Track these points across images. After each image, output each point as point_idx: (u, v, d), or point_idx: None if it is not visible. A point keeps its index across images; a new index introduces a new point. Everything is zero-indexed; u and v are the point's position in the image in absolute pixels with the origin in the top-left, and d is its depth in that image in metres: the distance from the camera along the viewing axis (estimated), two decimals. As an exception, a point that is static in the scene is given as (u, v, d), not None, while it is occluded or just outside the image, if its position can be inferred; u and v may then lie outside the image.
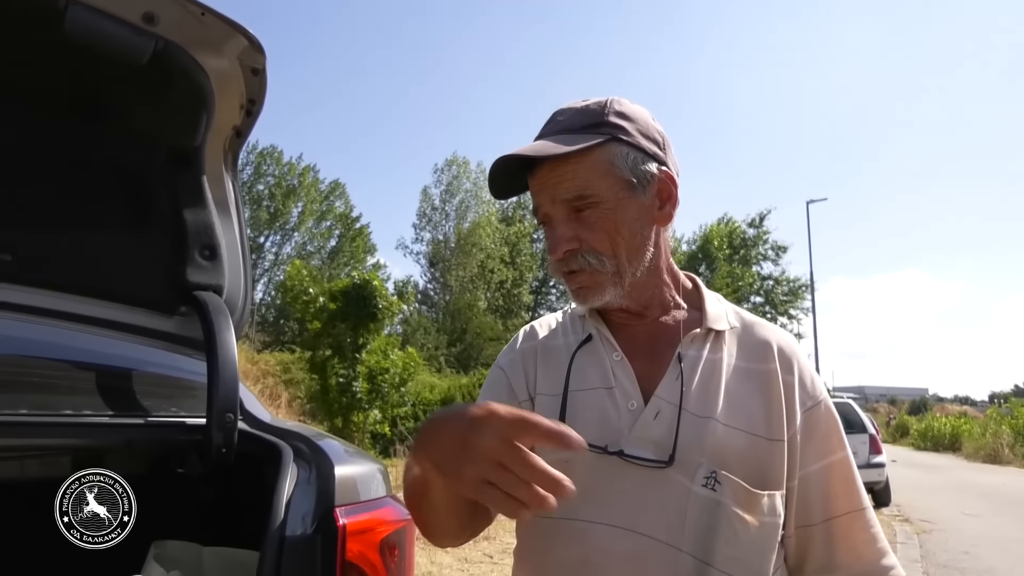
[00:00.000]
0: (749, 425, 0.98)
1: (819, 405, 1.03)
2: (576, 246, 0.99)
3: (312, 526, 1.16)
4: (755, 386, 1.01)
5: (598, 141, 0.98)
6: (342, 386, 13.27)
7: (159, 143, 1.56)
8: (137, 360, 1.55)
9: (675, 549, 0.91)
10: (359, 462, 1.32)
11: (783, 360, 1.04)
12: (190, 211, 1.60)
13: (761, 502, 0.94)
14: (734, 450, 0.95)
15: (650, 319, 1.08)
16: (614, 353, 1.05)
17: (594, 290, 1.01)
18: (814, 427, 1.01)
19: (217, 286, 1.62)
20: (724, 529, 0.91)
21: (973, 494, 11.57)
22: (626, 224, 1.00)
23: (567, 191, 0.99)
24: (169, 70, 1.40)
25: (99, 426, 1.33)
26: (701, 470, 0.94)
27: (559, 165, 0.99)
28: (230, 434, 1.35)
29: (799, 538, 1.00)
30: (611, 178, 0.99)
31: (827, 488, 1.00)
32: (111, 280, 1.55)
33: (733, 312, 1.11)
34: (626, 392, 1.01)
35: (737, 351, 1.05)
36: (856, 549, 1.00)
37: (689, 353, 1.03)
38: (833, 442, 1.02)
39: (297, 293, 13.76)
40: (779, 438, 0.98)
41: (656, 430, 0.97)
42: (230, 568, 1.50)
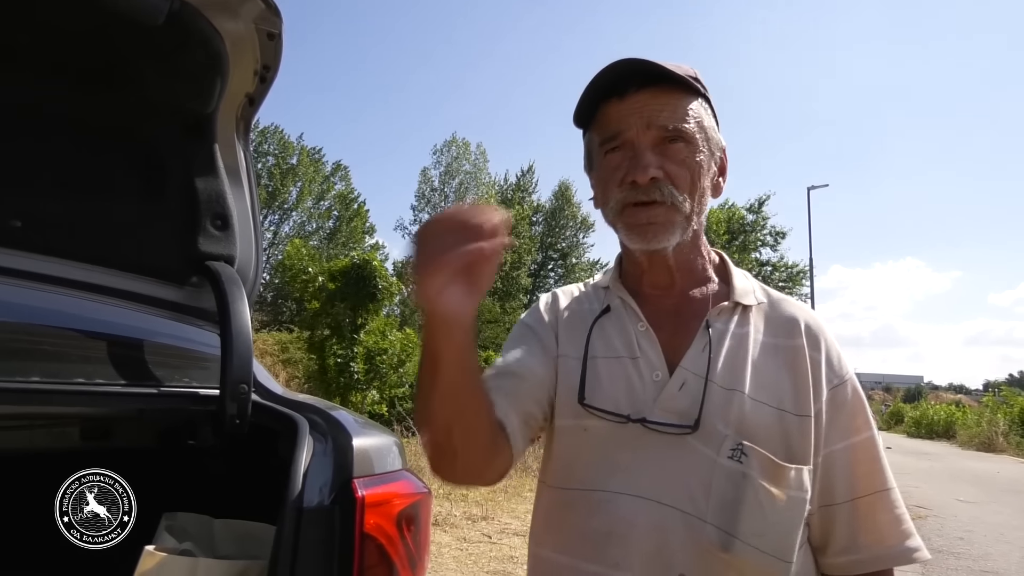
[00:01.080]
0: (776, 400, 0.96)
1: (845, 384, 1.02)
2: (660, 175, 0.97)
3: (330, 497, 1.15)
4: (782, 361, 1.00)
5: (696, 86, 1.01)
6: (340, 366, 13.27)
7: (172, 110, 1.52)
8: (148, 330, 1.52)
9: (699, 520, 0.90)
10: (375, 434, 1.30)
11: (810, 337, 1.02)
12: (202, 180, 1.57)
13: (788, 475, 0.92)
14: (761, 424, 0.94)
15: (678, 290, 1.07)
16: (639, 323, 1.04)
17: (665, 227, 0.98)
18: (840, 405, 1.00)
19: (229, 256, 1.59)
20: (750, 501, 0.90)
21: (967, 481, 11.64)
22: (703, 174, 1.00)
23: (668, 118, 0.98)
24: (183, 33, 1.37)
25: (111, 395, 1.31)
26: (727, 442, 0.93)
27: (663, 93, 0.99)
28: (244, 405, 1.34)
29: (822, 517, 0.99)
30: (704, 122, 1.01)
31: (852, 467, 0.98)
32: (122, 249, 1.53)
33: (760, 288, 1.10)
34: (651, 363, 1.00)
35: (764, 326, 1.03)
36: (880, 530, 0.98)
37: (716, 326, 1.01)
38: (859, 421, 1.01)
39: (296, 272, 13.73)
40: (806, 413, 0.96)
41: (681, 401, 0.96)
42: (241, 540, 1.49)
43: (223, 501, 1.60)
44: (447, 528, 6.28)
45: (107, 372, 1.34)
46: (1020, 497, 9.83)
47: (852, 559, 0.98)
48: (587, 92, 1.03)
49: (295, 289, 14.24)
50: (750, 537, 0.89)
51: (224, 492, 1.67)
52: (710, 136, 1.02)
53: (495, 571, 5.03)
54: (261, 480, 1.50)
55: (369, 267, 13.22)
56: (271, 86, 1.59)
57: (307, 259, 13.99)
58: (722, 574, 0.90)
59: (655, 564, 0.91)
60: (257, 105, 1.63)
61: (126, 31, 1.36)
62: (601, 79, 1.01)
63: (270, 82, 1.57)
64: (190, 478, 1.72)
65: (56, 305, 1.39)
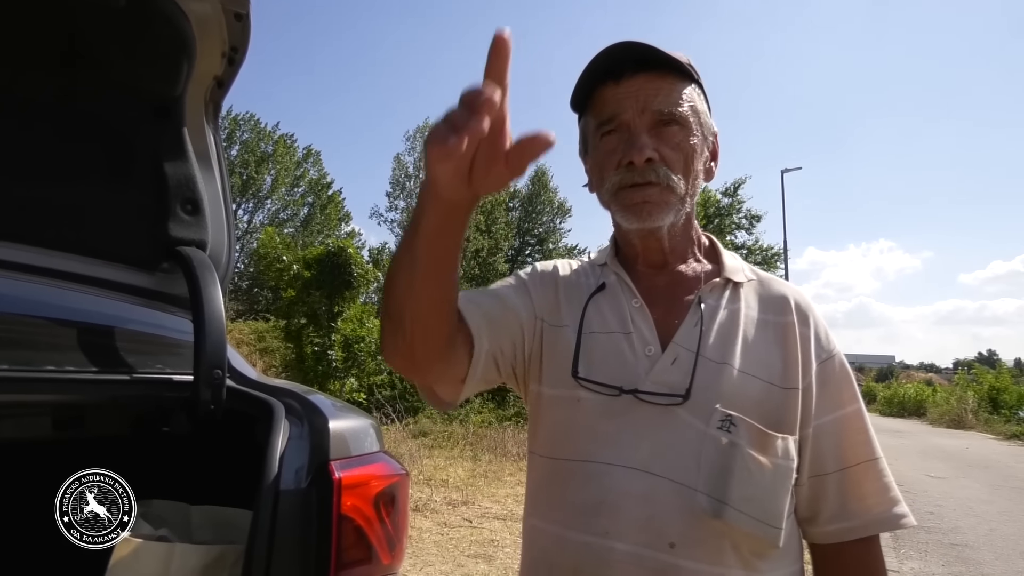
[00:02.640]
0: (766, 373, 1.00)
1: (833, 358, 1.05)
2: (655, 157, 0.99)
3: (307, 480, 1.15)
4: (772, 336, 1.03)
5: (694, 73, 1.04)
6: (318, 355, 13.20)
7: (138, 93, 1.50)
8: (118, 317, 1.50)
9: (691, 489, 0.93)
10: (351, 417, 1.30)
11: (800, 313, 1.06)
12: (171, 164, 1.55)
13: (775, 444, 0.95)
14: (749, 396, 0.97)
15: (670, 269, 1.10)
16: (633, 300, 1.07)
17: (660, 207, 1.01)
18: (828, 379, 1.03)
19: (200, 241, 1.57)
20: (739, 470, 0.93)
21: (937, 457, 11.90)
22: (697, 157, 1.03)
23: (663, 102, 1.00)
24: (148, 14, 1.35)
25: (83, 382, 1.30)
26: (716, 414, 0.95)
27: (657, 78, 1.01)
28: (218, 390, 1.33)
29: (812, 487, 1.01)
30: (697, 111, 1.04)
31: (841, 438, 1.02)
32: (91, 235, 1.50)
33: (749, 268, 1.14)
34: (644, 338, 1.03)
35: (755, 303, 1.07)
36: (869, 497, 1.01)
37: (708, 302, 1.05)
38: (847, 394, 1.04)
39: (271, 261, 13.60)
40: (794, 386, 1.00)
41: (673, 375, 0.99)
42: (218, 526, 1.49)
43: (199, 488, 1.59)
44: (427, 513, 6.30)
45: (78, 359, 1.32)
46: (988, 472, 10.08)
47: (842, 526, 1.01)
48: (584, 76, 1.04)
49: (270, 278, 14.10)
50: (740, 503, 0.91)
51: (200, 478, 1.66)
52: (703, 121, 1.05)
53: (476, 555, 5.06)
54: (237, 466, 1.49)
55: (344, 255, 13.14)
56: (240, 68, 1.57)
57: (282, 247, 13.86)
58: (713, 541, 0.92)
59: (646, 533, 0.93)
60: (226, 88, 1.61)
61: (89, 12, 1.33)
62: (597, 63, 1.03)
63: (239, 64, 1.55)
64: (165, 465, 1.70)
65: (24, 293, 1.37)
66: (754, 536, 0.92)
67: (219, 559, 1.24)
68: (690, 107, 1.02)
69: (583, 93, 1.07)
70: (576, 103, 1.10)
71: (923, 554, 5.33)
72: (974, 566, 5.05)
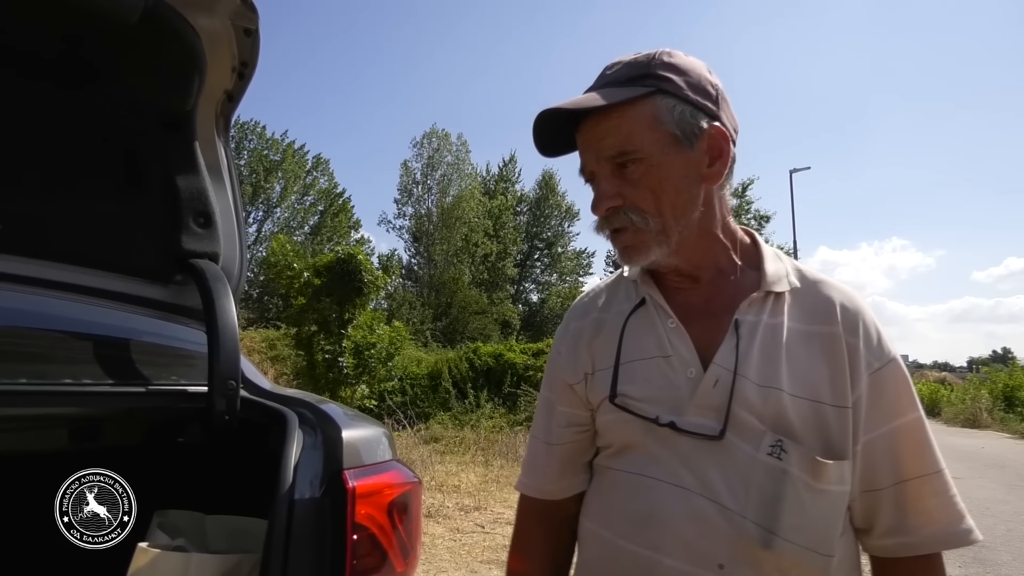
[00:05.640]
0: (814, 393, 0.95)
1: (887, 366, 0.98)
2: (619, 203, 0.97)
3: (321, 489, 1.16)
4: (818, 350, 0.97)
5: (641, 93, 0.95)
6: (329, 362, 13.22)
7: (150, 107, 1.52)
8: (133, 329, 1.52)
9: (740, 516, 0.91)
10: (364, 426, 1.31)
11: (847, 321, 0.99)
12: (183, 178, 1.57)
13: (829, 471, 0.90)
14: (800, 419, 0.93)
15: (705, 281, 1.05)
16: (668, 320, 1.03)
17: (638, 249, 0.99)
18: (882, 389, 0.97)
19: (213, 253, 1.59)
20: (790, 498, 0.89)
21: (953, 457, 11.81)
22: (671, 181, 0.97)
23: (610, 147, 0.97)
24: (159, 30, 1.36)
25: (100, 395, 1.31)
26: (766, 438, 0.92)
27: (602, 120, 0.97)
28: (233, 401, 1.34)
29: (865, 502, 0.97)
30: (656, 132, 0.96)
31: (896, 451, 0.96)
32: (104, 249, 1.52)
33: (794, 270, 1.06)
34: (684, 360, 0.99)
35: (799, 313, 1.00)
36: (929, 512, 0.95)
37: (747, 319, 0.99)
38: (903, 404, 0.98)
39: (281, 269, 13.64)
40: (844, 404, 0.94)
41: (717, 398, 0.95)
42: (233, 535, 1.50)
43: (213, 497, 1.60)
44: (440, 519, 6.30)
45: (95, 372, 1.34)
46: (1004, 472, 9.99)
47: (899, 541, 0.96)
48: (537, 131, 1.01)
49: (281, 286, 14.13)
50: (790, 533, 0.89)
51: (214, 488, 1.67)
52: (674, 133, 0.96)
53: (489, 560, 5.06)
54: (251, 475, 1.51)
55: (354, 261, 13.17)
56: (250, 82, 1.59)
57: (292, 255, 13.90)
58: (761, 568, 0.90)
59: (695, 552, 0.92)
60: (236, 101, 1.63)
61: (102, 28, 1.35)
62: (536, 128, 1.00)
63: (248, 78, 1.57)
64: (180, 475, 1.72)
65: (41, 307, 1.39)
66: (804, 565, 0.90)
67: (235, 568, 1.25)
68: (646, 134, 0.95)
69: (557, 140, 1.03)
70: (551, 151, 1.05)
71: (939, 555, 5.29)
72: (992, 567, 5.01)
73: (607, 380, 1.03)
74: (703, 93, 0.98)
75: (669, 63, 0.98)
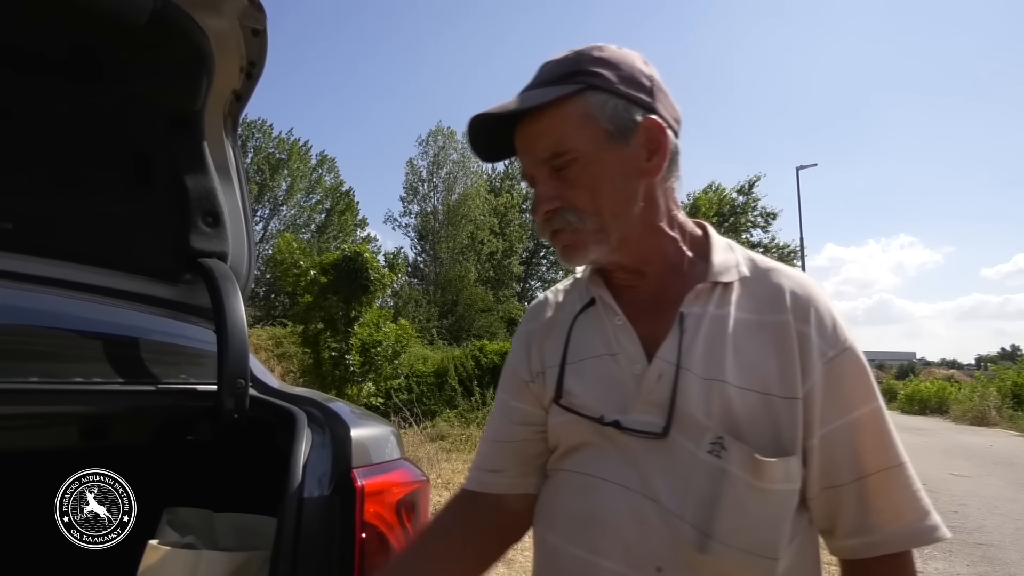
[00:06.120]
0: (763, 384, 0.90)
1: (843, 354, 0.93)
2: (557, 205, 0.95)
3: (330, 488, 1.17)
4: (767, 340, 0.93)
5: (569, 91, 0.92)
6: (335, 359, 13.25)
7: (159, 107, 1.53)
8: (142, 328, 1.53)
9: (678, 517, 0.88)
10: (373, 425, 1.32)
11: (797, 308, 0.94)
12: (191, 177, 1.58)
13: (772, 469, 0.86)
14: (747, 413, 0.89)
15: (652, 277, 1.02)
16: (615, 317, 1.01)
17: (577, 249, 0.97)
18: (838, 379, 0.92)
19: (221, 253, 1.60)
20: (729, 499, 0.86)
21: (961, 455, 11.76)
22: (607, 179, 0.94)
23: (544, 149, 0.94)
24: (168, 31, 1.37)
25: (109, 393, 1.32)
26: (707, 435, 0.88)
27: (535, 122, 0.94)
28: (241, 399, 1.35)
29: (826, 500, 0.92)
30: (588, 130, 0.93)
31: (856, 444, 0.91)
32: (114, 248, 1.53)
33: (745, 260, 1.02)
34: (630, 356, 0.97)
35: (748, 303, 0.96)
36: (894, 508, 0.91)
37: (693, 311, 0.96)
38: (861, 394, 0.93)
39: (287, 267, 13.66)
40: (794, 395, 0.90)
41: (661, 393, 0.92)
42: (242, 533, 1.51)
43: (221, 495, 1.62)
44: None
45: (104, 371, 1.35)
46: (1013, 470, 9.95)
47: (863, 541, 0.91)
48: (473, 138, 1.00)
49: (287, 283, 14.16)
50: (729, 536, 0.85)
51: (222, 486, 1.68)
52: (607, 129, 0.93)
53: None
54: (259, 473, 1.52)
55: (361, 259, 13.18)
56: (257, 82, 1.59)
57: (298, 253, 13.93)
58: (701, 572, 0.87)
59: (634, 555, 0.89)
60: (244, 101, 1.64)
61: (111, 29, 1.36)
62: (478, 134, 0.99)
63: (256, 78, 1.58)
64: (188, 473, 1.73)
65: (51, 306, 1.40)
66: (746, 569, 0.86)
67: (245, 566, 1.26)
68: (579, 133, 0.93)
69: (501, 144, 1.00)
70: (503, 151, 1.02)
71: (948, 554, 5.27)
72: (1001, 566, 4.99)
73: (554, 379, 1.02)
74: (636, 86, 0.95)
75: (599, 58, 0.95)
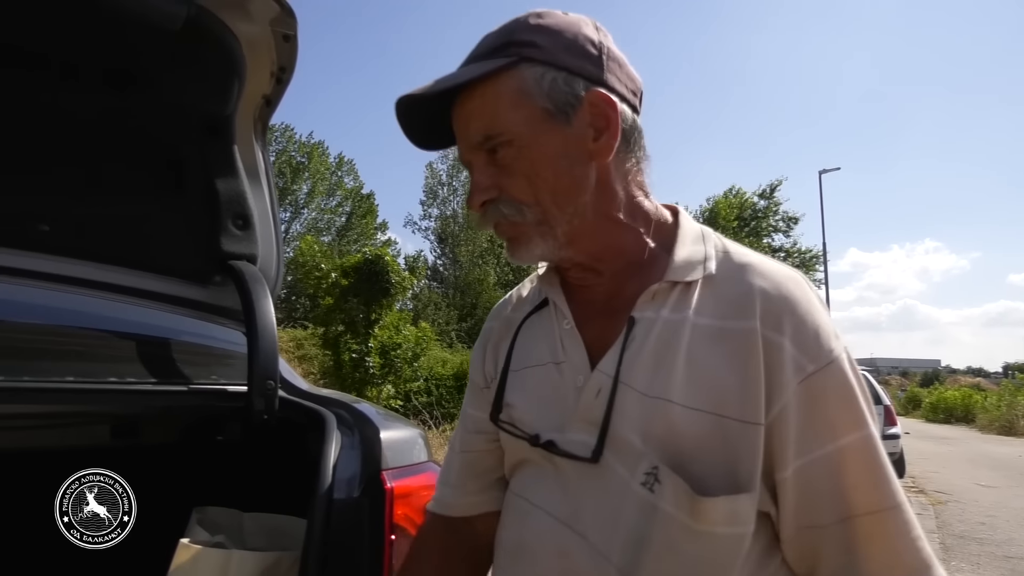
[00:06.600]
0: (716, 404, 0.75)
1: (825, 369, 0.75)
2: (494, 195, 0.83)
3: (360, 489, 1.18)
4: (728, 350, 0.77)
5: (497, 66, 0.80)
6: (355, 361, 13.32)
7: (191, 112, 1.55)
8: (173, 329, 1.56)
9: (604, 557, 0.76)
10: (400, 427, 1.33)
11: (768, 312, 0.77)
12: (222, 181, 1.60)
13: (713, 509, 0.72)
14: (694, 438, 0.75)
15: (608, 275, 0.89)
16: (564, 321, 0.89)
17: (520, 243, 0.85)
18: (818, 398, 0.75)
19: (251, 255, 1.62)
20: (658, 541, 0.73)
21: (988, 465, 11.57)
22: (546, 163, 0.81)
23: (476, 132, 0.82)
24: (201, 36, 1.39)
25: (143, 393, 1.35)
26: (643, 463, 0.75)
27: (466, 102, 0.83)
28: (271, 400, 1.36)
29: (804, 541, 0.77)
30: (523, 109, 0.80)
31: (841, 479, 0.74)
32: (147, 250, 1.56)
33: (718, 254, 0.86)
34: (574, 366, 0.85)
35: (711, 306, 0.80)
36: (887, 557, 0.74)
37: (645, 315, 0.81)
38: (847, 417, 0.75)
39: (309, 269, 13.78)
40: (755, 420, 0.74)
41: (597, 411, 0.80)
42: (269, 533, 1.52)
43: (248, 495, 1.63)
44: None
45: (138, 371, 1.37)
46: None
47: None
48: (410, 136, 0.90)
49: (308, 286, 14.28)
50: None
51: (248, 486, 1.70)
52: (544, 107, 0.81)
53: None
54: (287, 474, 1.53)
55: (381, 262, 13.26)
56: (287, 87, 1.61)
57: (320, 255, 14.05)
58: None
59: None
60: (274, 106, 1.65)
61: (145, 35, 1.38)
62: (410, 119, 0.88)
63: (286, 83, 1.59)
64: (215, 473, 1.75)
65: (86, 307, 1.42)
66: None
67: (274, 566, 1.27)
68: (512, 113, 0.81)
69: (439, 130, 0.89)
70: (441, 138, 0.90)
71: (975, 567, 5.19)
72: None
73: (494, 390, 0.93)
74: (580, 54, 0.82)
75: (536, 25, 0.83)
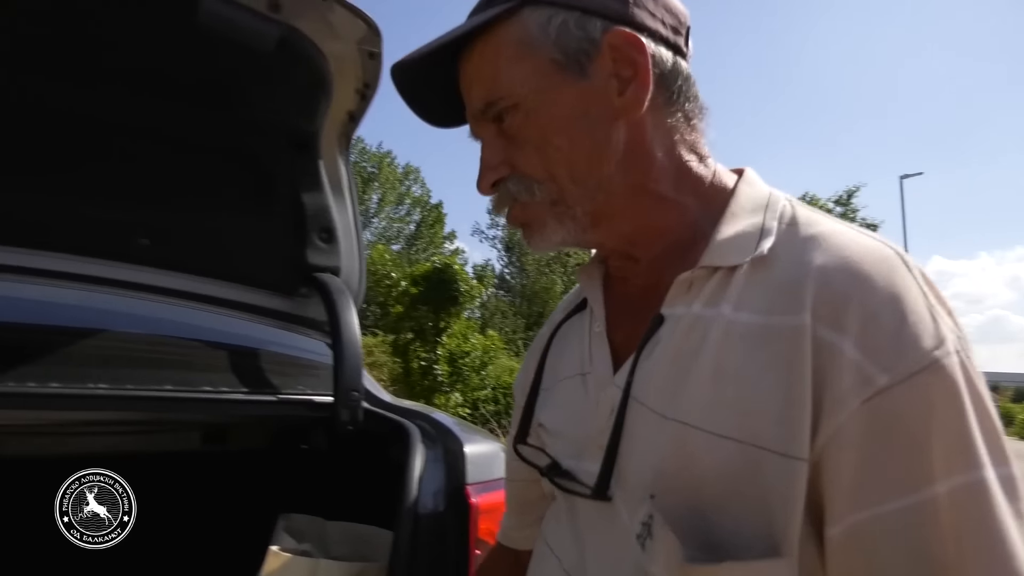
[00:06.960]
0: (749, 431, 0.55)
1: (909, 383, 0.51)
2: (504, 173, 0.70)
3: (444, 503, 1.18)
4: (767, 356, 0.56)
5: (496, 13, 0.66)
6: (424, 369, 13.52)
7: (279, 128, 1.60)
8: (263, 340, 1.60)
9: None
10: (482, 441, 1.33)
11: (823, 303, 0.55)
12: (308, 195, 1.64)
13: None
14: (718, 475, 0.56)
15: (645, 262, 0.72)
16: (596, 323, 0.75)
17: (535, 229, 0.71)
18: (889, 427, 0.51)
19: (335, 267, 1.66)
20: None
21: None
22: (559, 128, 0.66)
23: (478, 98, 0.69)
24: (291, 56, 1.43)
25: (234, 402, 1.39)
26: (642, 509, 0.59)
27: (468, 64, 0.70)
28: (355, 411, 1.39)
29: None
30: (527, 62, 0.66)
31: (925, 546, 0.49)
32: (237, 263, 1.61)
33: (781, 225, 0.64)
34: (599, 378, 0.71)
35: (756, 296, 0.60)
36: None
37: (675, 311, 0.64)
38: (945, 452, 0.50)
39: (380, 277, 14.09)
40: (797, 454, 0.53)
41: (607, 435, 0.65)
42: (352, 542, 1.54)
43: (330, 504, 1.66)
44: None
45: (230, 380, 1.41)
46: None
47: None
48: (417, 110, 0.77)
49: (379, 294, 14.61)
50: None
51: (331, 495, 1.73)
52: (553, 57, 0.65)
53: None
54: (370, 485, 1.55)
55: (450, 271, 13.44)
56: (371, 103, 1.64)
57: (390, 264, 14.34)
58: None
59: None
60: (357, 121, 1.69)
61: (239, 55, 1.44)
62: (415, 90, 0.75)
63: (370, 99, 1.62)
64: (299, 481, 1.79)
65: (181, 317, 1.48)
66: None
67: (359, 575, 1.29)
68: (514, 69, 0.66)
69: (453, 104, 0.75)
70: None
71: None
72: None
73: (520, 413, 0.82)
74: None
75: None
